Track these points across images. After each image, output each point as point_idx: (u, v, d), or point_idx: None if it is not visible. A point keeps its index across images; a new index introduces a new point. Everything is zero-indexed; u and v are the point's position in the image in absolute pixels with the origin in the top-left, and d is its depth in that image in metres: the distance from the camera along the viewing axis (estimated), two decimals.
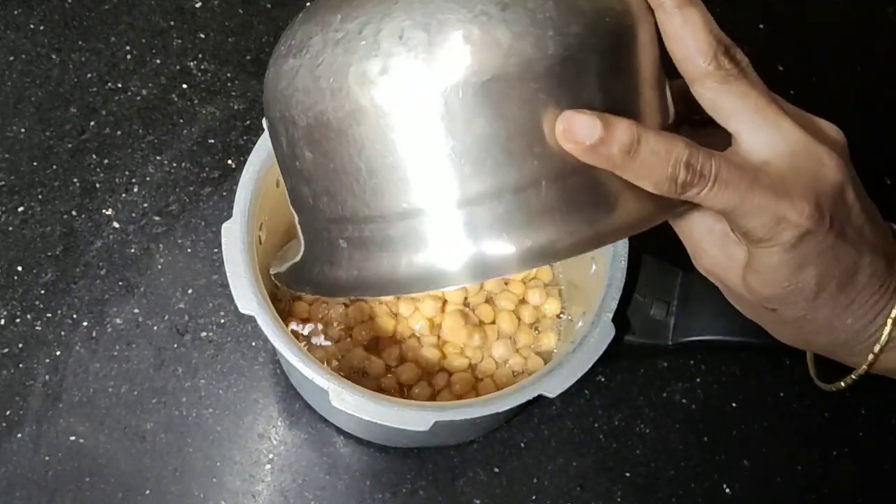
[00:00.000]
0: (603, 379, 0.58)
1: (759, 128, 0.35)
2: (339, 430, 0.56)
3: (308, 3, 0.70)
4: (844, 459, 0.57)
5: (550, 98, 0.33)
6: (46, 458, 0.54)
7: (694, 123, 0.38)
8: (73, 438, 0.55)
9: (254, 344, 0.58)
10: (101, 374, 0.56)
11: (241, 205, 0.48)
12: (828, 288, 0.36)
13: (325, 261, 0.37)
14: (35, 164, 0.63)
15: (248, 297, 0.46)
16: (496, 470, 0.56)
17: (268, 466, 0.55)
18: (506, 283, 0.58)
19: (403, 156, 0.33)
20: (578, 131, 0.32)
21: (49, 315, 0.58)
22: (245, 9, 0.70)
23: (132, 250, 0.60)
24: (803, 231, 0.34)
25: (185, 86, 0.66)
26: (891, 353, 0.38)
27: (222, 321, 0.58)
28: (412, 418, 0.44)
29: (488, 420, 0.52)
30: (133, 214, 0.61)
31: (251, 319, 0.46)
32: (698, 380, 0.59)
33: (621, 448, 0.57)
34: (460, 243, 0.34)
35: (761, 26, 0.72)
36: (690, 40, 0.34)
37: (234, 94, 0.66)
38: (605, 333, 0.47)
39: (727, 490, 0.56)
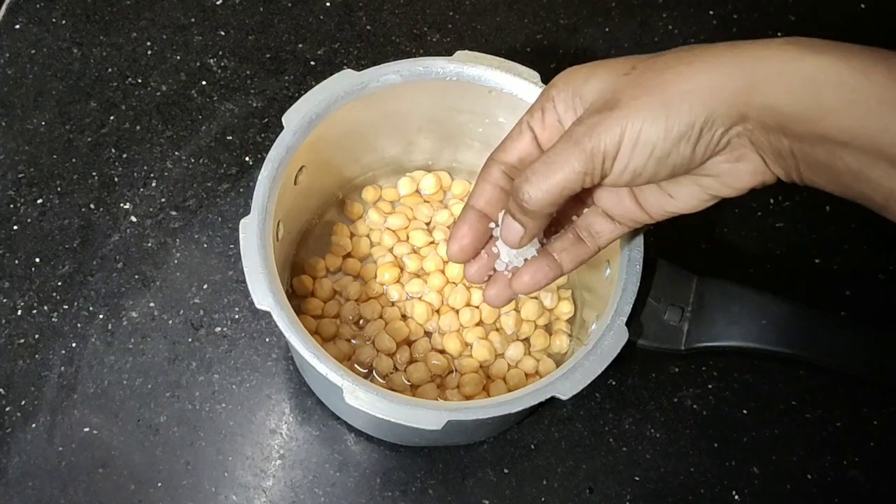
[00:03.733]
0: (614, 382, 0.59)
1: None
2: (350, 428, 0.56)
3: (328, 4, 0.70)
4: (855, 469, 0.57)
5: None
6: (60, 448, 0.55)
7: None
8: (86, 430, 0.55)
9: (267, 340, 0.58)
10: (115, 366, 0.57)
11: (259, 201, 0.49)
12: None
13: None
14: (54, 157, 0.63)
15: (264, 293, 0.46)
16: (506, 471, 0.56)
17: (278, 462, 0.55)
18: None
19: None
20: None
21: (65, 307, 0.58)
22: (265, 7, 0.70)
23: (149, 244, 0.61)
24: None
25: (204, 82, 0.67)
26: None
27: (237, 317, 0.59)
28: (425, 417, 0.45)
29: (500, 421, 0.52)
30: (150, 209, 0.62)
31: (265, 315, 0.46)
32: (710, 386, 0.59)
33: (631, 452, 0.57)
34: None
35: (772, 32, 0.72)
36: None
37: (252, 91, 0.66)
38: (618, 337, 0.47)
39: (736, 497, 0.56)
